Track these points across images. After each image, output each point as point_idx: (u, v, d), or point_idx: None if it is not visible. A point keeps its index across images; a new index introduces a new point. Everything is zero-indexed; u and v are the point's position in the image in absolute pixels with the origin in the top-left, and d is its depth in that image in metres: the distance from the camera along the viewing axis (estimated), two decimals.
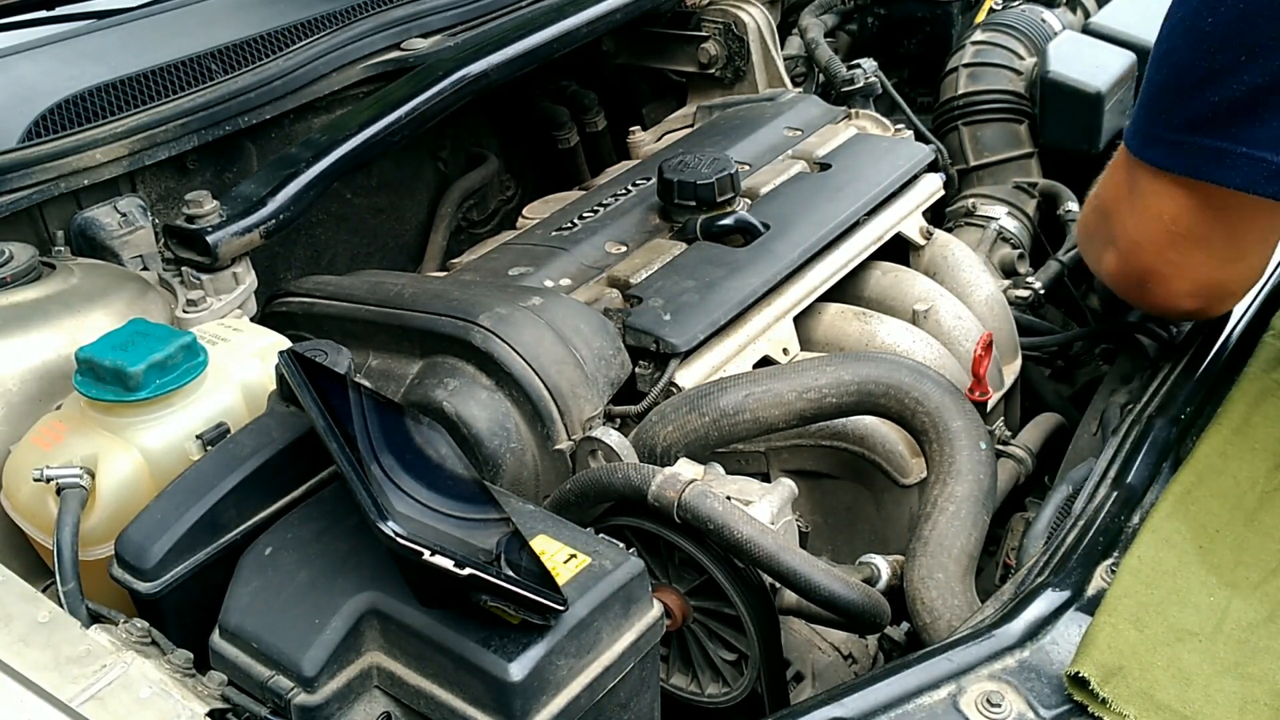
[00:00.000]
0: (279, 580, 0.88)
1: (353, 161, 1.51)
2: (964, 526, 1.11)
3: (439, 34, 1.83)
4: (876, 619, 1.11)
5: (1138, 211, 1.18)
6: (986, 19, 2.27)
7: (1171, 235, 1.16)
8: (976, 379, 1.25)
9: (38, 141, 1.43)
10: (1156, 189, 1.15)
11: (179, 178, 1.56)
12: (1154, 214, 1.16)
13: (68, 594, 0.91)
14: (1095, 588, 0.93)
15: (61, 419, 1.06)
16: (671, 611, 1.15)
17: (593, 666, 0.84)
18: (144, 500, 0.97)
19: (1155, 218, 1.16)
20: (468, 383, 1.26)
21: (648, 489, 1.10)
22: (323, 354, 1.05)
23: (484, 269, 1.52)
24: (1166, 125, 1.11)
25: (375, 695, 0.86)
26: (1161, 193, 1.14)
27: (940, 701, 0.86)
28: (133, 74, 1.60)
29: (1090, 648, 0.87)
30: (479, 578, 0.77)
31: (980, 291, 1.62)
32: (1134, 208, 1.19)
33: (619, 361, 1.31)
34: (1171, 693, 0.84)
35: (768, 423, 1.22)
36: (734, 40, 2.07)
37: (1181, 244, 1.16)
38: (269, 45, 1.74)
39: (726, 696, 1.18)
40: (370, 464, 0.85)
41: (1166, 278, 1.20)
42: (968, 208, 2.05)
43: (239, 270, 1.37)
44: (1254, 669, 0.86)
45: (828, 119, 1.84)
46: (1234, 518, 0.99)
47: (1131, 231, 1.21)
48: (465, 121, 2.01)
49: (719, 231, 1.51)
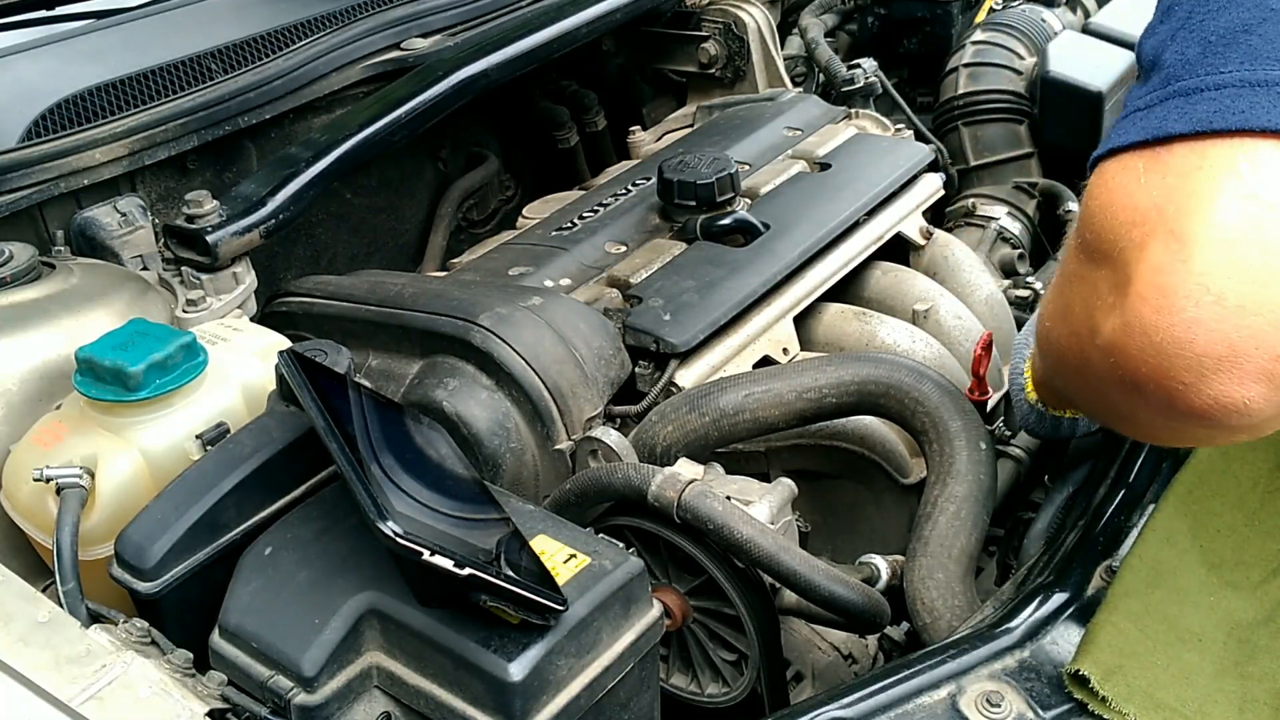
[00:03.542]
0: (279, 580, 0.88)
1: (353, 161, 1.51)
2: (964, 526, 1.11)
3: (439, 34, 1.83)
4: (876, 619, 1.11)
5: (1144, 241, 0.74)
6: (986, 19, 2.27)
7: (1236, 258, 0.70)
8: (976, 379, 1.24)
9: (38, 141, 1.43)
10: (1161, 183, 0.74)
11: (179, 178, 1.56)
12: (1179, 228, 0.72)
13: (67, 594, 0.91)
14: (1095, 588, 0.93)
15: (61, 419, 1.06)
16: (671, 611, 1.15)
17: (592, 666, 0.84)
18: (144, 500, 0.96)
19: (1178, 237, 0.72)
20: (468, 382, 1.26)
21: (647, 489, 1.10)
22: (323, 354, 1.05)
23: (484, 269, 1.52)
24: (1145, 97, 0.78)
25: (375, 695, 0.86)
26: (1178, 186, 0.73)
27: (940, 701, 0.86)
28: (132, 74, 1.60)
29: (1091, 646, 0.87)
30: (479, 578, 0.77)
31: (980, 291, 1.62)
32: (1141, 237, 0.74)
33: (619, 361, 1.31)
34: (1171, 692, 0.84)
35: (768, 423, 1.22)
36: (734, 40, 2.07)
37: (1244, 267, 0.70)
38: (269, 45, 1.74)
39: (726, 696, 1.18)
40: (370, 464, 0.85)
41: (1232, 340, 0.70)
42: (968, 208, 2.05)
43: (239, 270, 1.38)
44: (1254, 669, 0.86)
45: (828, 119, 1.84)
46: (1235, 518, 0.99)
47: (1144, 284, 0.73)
48: (465, 121, 2.01)
49: (719, 231, 1.51)
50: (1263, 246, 0.68)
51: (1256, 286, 0.68)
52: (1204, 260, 0.69)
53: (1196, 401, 0.71)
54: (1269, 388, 0.69)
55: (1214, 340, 0.69)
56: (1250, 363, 0.69)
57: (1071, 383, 0.90)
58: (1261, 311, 0.68)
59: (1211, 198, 0.70)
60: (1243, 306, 0.68)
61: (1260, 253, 0.68)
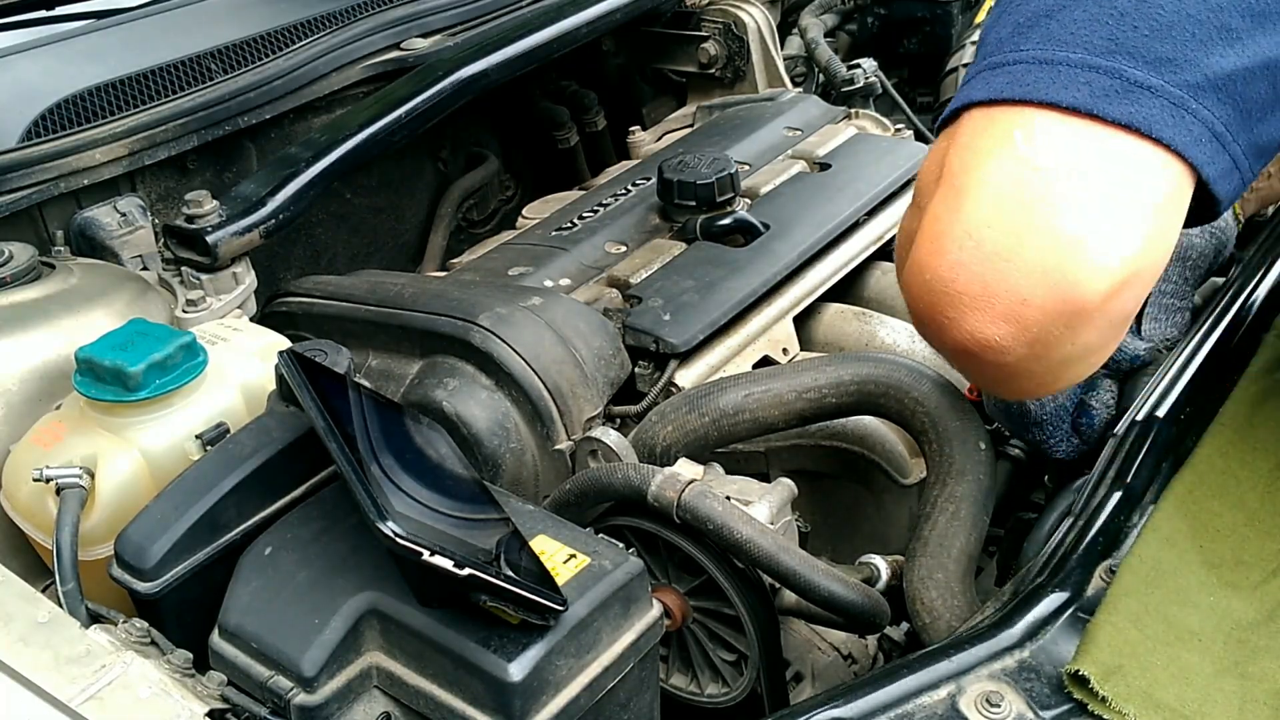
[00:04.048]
0: (279, 580, 0.88)
1: (353, 161, 1.51)
2: (964, 526, 1.11)
3: (439, 34, 1.83)
4: (876, 619, 1.11)
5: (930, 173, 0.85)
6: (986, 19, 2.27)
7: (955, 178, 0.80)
8: None
9: (37, 141, 1.43)
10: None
11: (179, 178, 1.56)
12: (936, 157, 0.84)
13: (67, 594, 0.91)
14: (1095, 588, 0.93)
15: (61, 419, 1.06)
16: (671, 611, 1.15)
17: (592, 666, 0.84)
18: (144, 500, 0.96)
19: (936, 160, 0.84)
20: (467, 382, 1.26)
21: (647, 489, 1.10)
22: (323, 354, 1.05)
23: (484, 269, 1.52)
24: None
25: (375, 695, 0.86)
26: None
27: (940, 702, 0.86)
28: (132, 74, 1.60)
29: (1090, 646, 0.87)
30: (478, 578, 0.76)
31: None
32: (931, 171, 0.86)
33: (619, 361, 1.31)
34: (1171, 692, 0.84)
35: (767, 423, 1.22)
36: (734, 40, 2.07)
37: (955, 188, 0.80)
38: (269, 45, 1.74)
39: (726, 696, 1.18)
40: (370, 464, 0.85)
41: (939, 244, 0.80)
42: None
43: (239, 270, 1.38)
44: (1254, 669, 0.86)
45: (828, 119, 1.84)
46: (1235, 518, 0.99)
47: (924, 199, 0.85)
48: (465, 121, 2.01)
49: (719, 231, 1.51)
50: (1022, 204, 0.76)
51: (1012, 238, 0.77)
52: (972, 210, 0.78)
53: (958, 335, 0.80)
54: (1015, 328, 0.78)
55: (971, 281, 0.78)
56: (1000, 304, 0.77)
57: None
58: (1013, 259, 0.76)
59: (987, 157, 0.78)
60: (998, 253, 0.77)
61: (1019, 208, 0.76)
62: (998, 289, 0.77)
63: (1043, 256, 0.76)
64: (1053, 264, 0.76)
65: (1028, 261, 0.76)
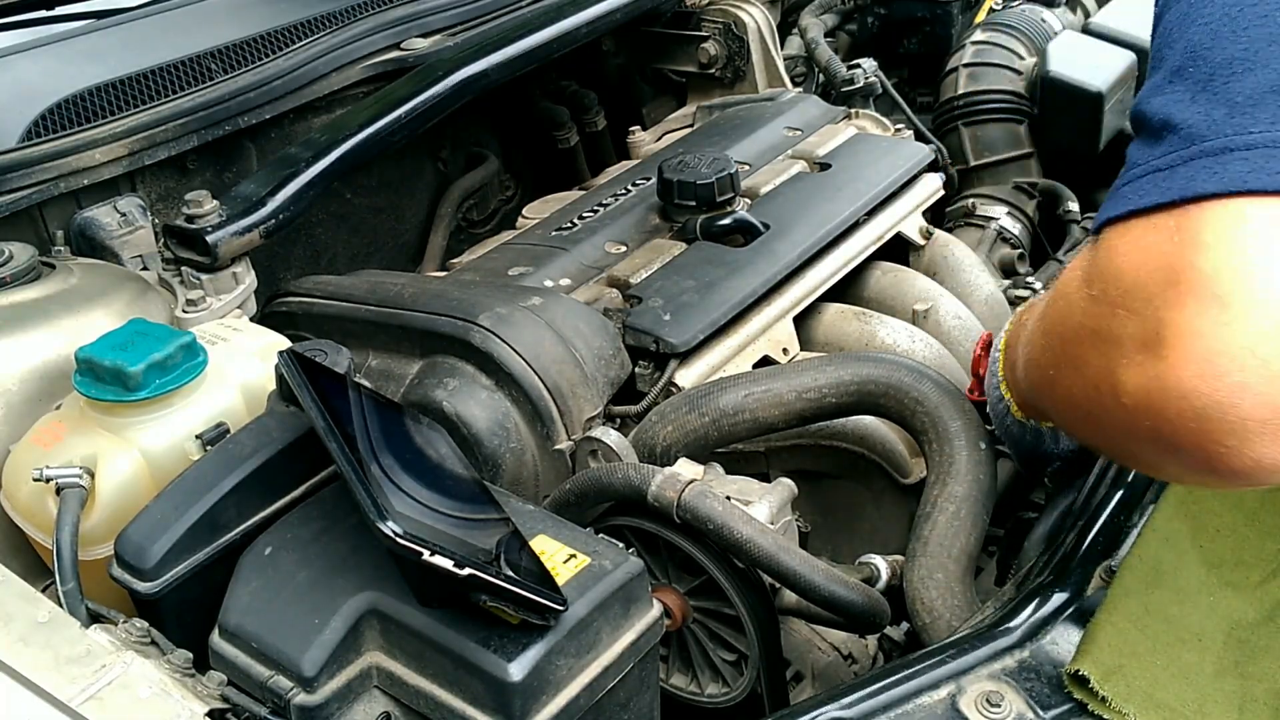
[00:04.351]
0: (279, 580, 0.88)
1: (353, 161, 1.51)
2: (964, 526, 1.11)
3: (439, 34, 1.83)
4: (876, 619, 1.11)
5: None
6: (986, 19, 2.27)
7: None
8: (976, 379, 1.24)
9: (37, 141, 1.43)
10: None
11: (179, 178, 1.56)
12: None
13: (67, 594, 0.91)
14: (1095, 588, 0.93)
15: (61, 419, 1.06)
16: (671, 611, 1.15)
17: (592, 666, 0.84)
18: (144, 500, 0.96)
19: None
20: (467, 382, 1.26)
21: (647, 489, 1.10)
22: (323, 354, 1.05)
23: (484, 269, 1.52)
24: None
25: (375, 695, 0.86)
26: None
27: (940, 701, 0.86)
28: (132, 74, 1.60)
29: (1091, 646, 0.87)
30: (478, 578, 0.76)
31: (980, 291, 1.62)
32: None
33: (619, 361, 1.31)
34: (1171, 691, 0.84)
35: (767, 423, 1.22)
36: (734, 40, 2.07)
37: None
38: (269, 45, 1.74)
39: (726, 696, 1.18)
40: (370, 464, 0.85)
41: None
42: (968, 208, 2.06)
43: (239, 270, 1.38)
44: (1254, 669, 0.86)
45: (828, 119, 1.84)
46: (1234, 517, 0.99)
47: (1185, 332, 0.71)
48: (465, 121, 2.01)
49: (719, 231, 1.51)
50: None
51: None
52: (1249, 324, 0.68)
53: (1237, 464, 0.71)
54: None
55: (1259, 405, 0.69)
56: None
57: (1083, 429, 0.89)
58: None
59: (1254, 259, 0.68)
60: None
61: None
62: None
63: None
64: None
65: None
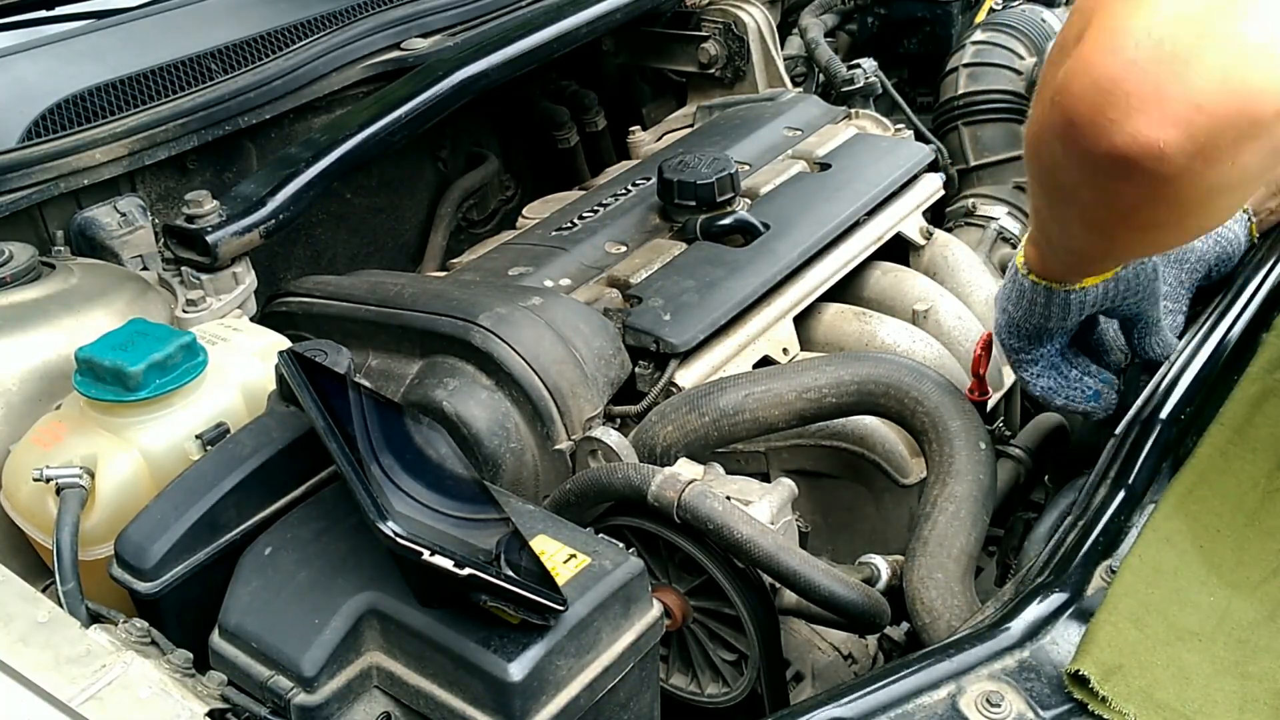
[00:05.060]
0: (279, 580, 0.88)
1: (353, 161, 1.52)
2: (964, 526, 1.11)
3: (439, 34, 1.83)
4: (876, 619, 1.11)
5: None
6: (986, 19, 2.27)
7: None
8: (976, 379, 1.24)
9: (38, 141, 1.43)
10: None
11: (179, 178, 1.56)
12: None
13: (67, 594, 0.91)
14: (1095, 588, 0.93)
15: (61, 419, 1.06)
16: (671, 611, 1.15)
17: (592, 666, 0.84)
18: (144, 500, 0.96)
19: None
20: (467, 382, 1.26)
21: (647, 489, 1.10)
22: (323, 354, 1.05)
23: (484, 269, 1.52)
24: None
25: (375, 695, 0.86)
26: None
27: (940, 701, 0.86)
28: (132, 74, 1.60)
29: (1091, 646, 0.87)
30: (479, 578, 0.77)
31: (980, 291, 1.62)
32: None
33: (619, 361, 1.31)
34: (1171, 691, 0.84)
35: (767, 423, 1.22)
36: (734, 40, 2.07)
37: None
38: (269, 45, 1.74)
39: (726, 696, 1.18)
40: (370, 464, 0.85)
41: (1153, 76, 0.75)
42: (968, 208, 2.05)
43: (239, 270, 1.38)
44: (1254, 669, 0.86)
45: (828, 119, 1.84)
46: (1235, 518, 0.99)
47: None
48: (465, 121, 2.01)
49: (719, 231, 1.51)
50: (1210, 5, 0.72)
51: (1195, 40, 0.72)
52: (1154, 8, 0.74)
53: (1118, 139, 0.75)
54: (1182, 135, 0.73)
55: (1144, 81, 0.74)
56: (1171, 106, 0.73)
57: (1030, 165, 0.93)
58: (1193, 62, 0.72)
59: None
60: (1177, 55, 0.73)
61: (1206, 10, 0.72)
62: (1172, 91, 0.73)
63: (1224, 62, 0.72)
64: (1234, 70, 0.72)
65: (1208, 66, 0.72)
